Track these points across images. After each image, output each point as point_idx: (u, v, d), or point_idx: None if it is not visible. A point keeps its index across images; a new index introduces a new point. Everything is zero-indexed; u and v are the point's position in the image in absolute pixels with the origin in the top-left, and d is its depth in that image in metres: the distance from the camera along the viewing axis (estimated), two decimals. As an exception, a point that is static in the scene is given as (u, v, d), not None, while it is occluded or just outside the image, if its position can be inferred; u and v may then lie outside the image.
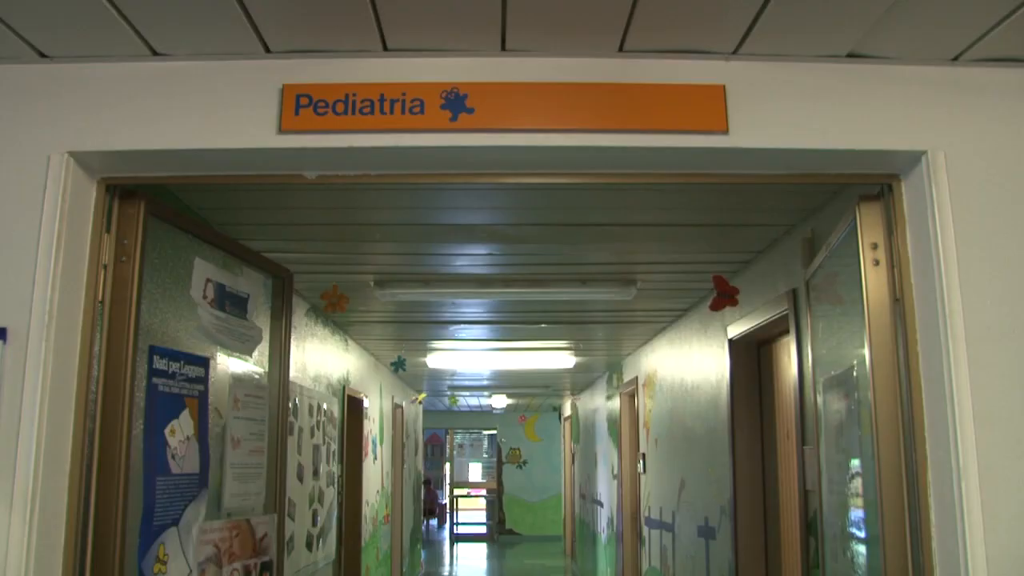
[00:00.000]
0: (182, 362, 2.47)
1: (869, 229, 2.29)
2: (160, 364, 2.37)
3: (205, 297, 2.62)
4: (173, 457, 2.39)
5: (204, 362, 2.58)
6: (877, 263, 2.26)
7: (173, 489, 2.40)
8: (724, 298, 4.32)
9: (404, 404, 10.92)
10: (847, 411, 2.56)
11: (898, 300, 2.21)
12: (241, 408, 2.78)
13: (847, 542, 2.59)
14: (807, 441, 3.70)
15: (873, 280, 2.26)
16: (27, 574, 1.95)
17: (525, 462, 19.21)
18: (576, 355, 8.40)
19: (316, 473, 5.85)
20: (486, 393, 13.65)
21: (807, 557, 3.78)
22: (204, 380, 2.56)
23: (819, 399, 2.99)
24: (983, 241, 2.08)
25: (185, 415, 2.45)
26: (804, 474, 3.81)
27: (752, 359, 4.84)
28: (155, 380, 2.34)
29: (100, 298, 2.22)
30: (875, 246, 2.26)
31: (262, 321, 3.02)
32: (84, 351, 2.15)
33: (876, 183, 2.29)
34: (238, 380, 2.80)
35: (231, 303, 2.75)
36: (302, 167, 2.25)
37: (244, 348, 2.84)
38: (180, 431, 2.42)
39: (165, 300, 2.46)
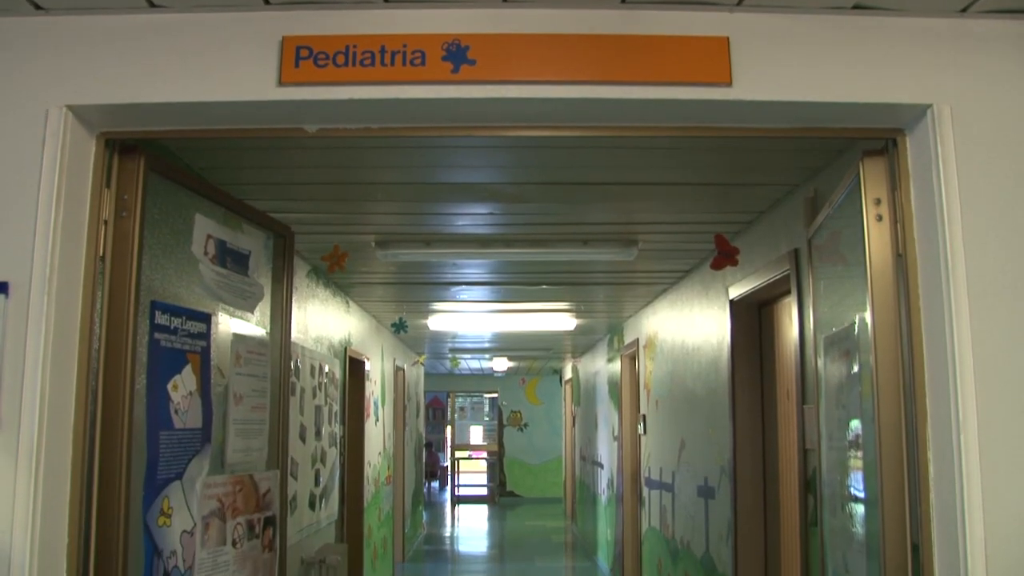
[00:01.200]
0: (184, 318, 2.47)
1: (872, 184, 2.28)
2: (162, 319, 2.37)
3: (206, 253, 2.61)
4: (176, 412, 2.40)
5: (206, 318, 2.58)
6: (880, 219, 2.25)
7: (176, 443, 2.41)
8: (725, 257, 4.31)
9: (405, 367, 10.96)
10: (847, 368, 2.56)
11: (901, 256, 2.20)
12: (243, 365, 2.79)
13: (845, 498, 2.60)
14: (807, 400, 3.71)
15: (876, 236, 2.25)
16: (33, 526, 1.97)
17: (526, 425, 19.32)
18: (577, 317, 8.41)
19: (318, 433, 5.89)
20: (487, 356, 13.69)
21: (806, 516, 3.81)
22: (206, 336, 2.57)
23: (819, 357, 3.00)
24: (988, 196, 2.07)
25: (187, 370, 2.46)
26: (804, 433, 3.83)
27: (753, 320, 4.84)
28: (157, 335, 2.34)
29: (101, 253, 2.21)
30: (878, 201, 2.25)
31: (263, 279, 3.02)
32: (86, 306, 2.15)
33: (880, 138, 2.28)
34: (240, 337, 2.80)
35: (232, 260, 2.75)
36: (302, 120, 2.23)
37: (246, 305, 2.84)
38: (183, 386, 2.43)
39: (166, 256, 2.46)
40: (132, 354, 2.19)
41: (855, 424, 2.47)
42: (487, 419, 22.96)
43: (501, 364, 15.00)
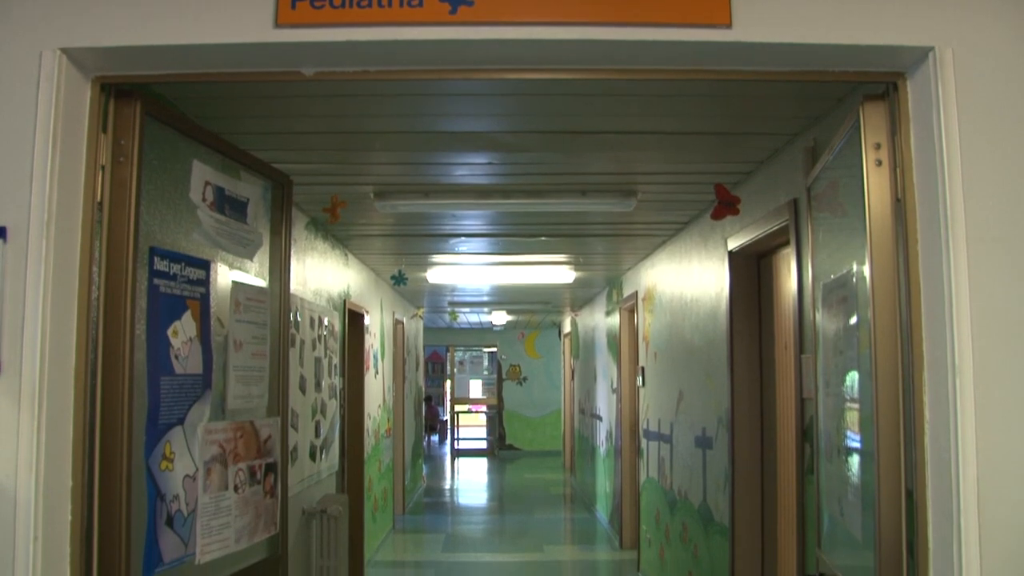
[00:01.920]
0: (183, 264, 2.47)
1: (872, 129, 2.26)
2: (161, 265, 2.37)
3: (204, 200, 2.61)
4: (176, 357, 2.41)
5: (205, 265, 2.58)
6: (879, 163, 2.24)
7: (177, 389, 2.42)
8: (726, 207, 4.30)
9: (405, 320, 10.98)
10: (845, 315, 2.57)
11: (899, 201, 2.20)
12: (242, 312, 2.79)
13: (842, 445, 2.62)
14: (805, 350, 3.73)
15: (875, 181, 2.24)
16: (38, 469, 1.99)
17: (525, 378, 19.42)
18: (576, 270, 8.41)
19: (318, 385, 5.92)
20: (486, 309, 13.71)
21: (802, 464, 3.84)
22: (205, 283, 2.57)
23: (818, 305, 3.01)
24: (988, 141, 2.06)
25: (187, 316, 2.47)
26: (801, 382, 3.85)
27: (752, 271, 4.85)
28: (156, 281, 2.35)
29: (99, 199, 2.21)
30: (878, 146, 2.24)
31: (262, 228, 3.02)
32: (84, 251, 2.15)
33: (881, 82, 2.26)
34: (239, 285, 2.80)
35: (231, 207, 2.74)
36: (299, 63, 2.21)
37: (245, 252, 2.84)
38: (183, 332, 2.44)
39: (164, 203, 2.45)
40: (132, 300, 2.19)
41: (852, 371, 2.48)
42: (486, 373, 23.10)
43: (500, 318, 15.04)
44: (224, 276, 2.74)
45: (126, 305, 2.18)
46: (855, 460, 2.48)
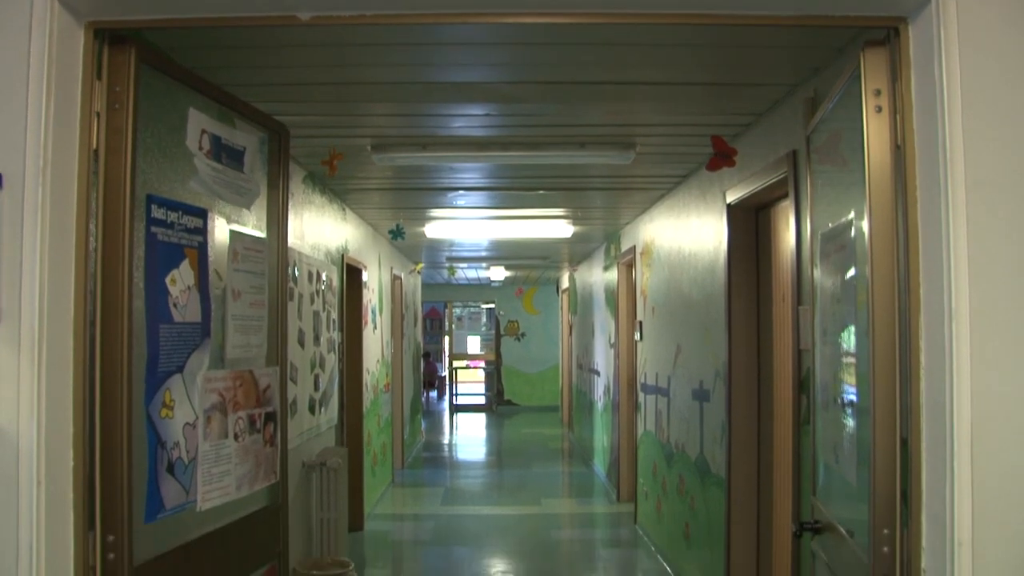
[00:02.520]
0: (180, 212, 2.46)
1: (873, 75, 2.25)
2: (158, 213, 2.36)
3: (201, 148, 2.59)
4: (175, 306, 2.41)
5: (202, 213, 2.57)
6: (879, 110, 2.22)
7: (176, 337, 2.43)
8: (722, 158, 4.28)
9: (403, 275, 10.99)
10: (843, 263, 2.57)
11: (899, 147, 2.19)
12: (240, 261, 2.79)
13: (838, 394, 2.64)
14: (802, 302, 3.74)
15: (875, 127, 2.23)
16: (39, 416, 2.00)
17: (523, 334, 19.49)
18: (574, 224, 8.40)
19: (317, 339, 5.93)
20: (484, 265, 13.71)
21: (798, 415, 3.87)
22: (203, 232, 2.56)
23: (816, 255, 3.01)
24: (989, 85, 2.04)
25: (185, 265, 2.46)
26: (798, 334, 3.87)
27: (750, 224, 4.85)
28: (154, 229, 2.34)
29: (95, 146, 2.20)
30: (878, 92, 2.23)
31: (259, 178, 3.00)
32: (81, 199, 2.14)
33: (882, 27, 2.24)
34: (237, 234, 2.80)
35: (227, 155, 2.73)
36: (295, 7, 2.18)
37: (242, 201, 2.83)
38: (181, 280, 2.44)
39: (160, 151, 2.44)
40: (129, 247, 2.19)
41: (849, 320, 2.49)
42: (484, 329, 23.15)
43: (498, 273, 15.04)
44: (222, 228, 2.73)
45: (124, 253, 2.17)
46: (851, 408, 2.50)
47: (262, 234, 3.00)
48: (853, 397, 2.47)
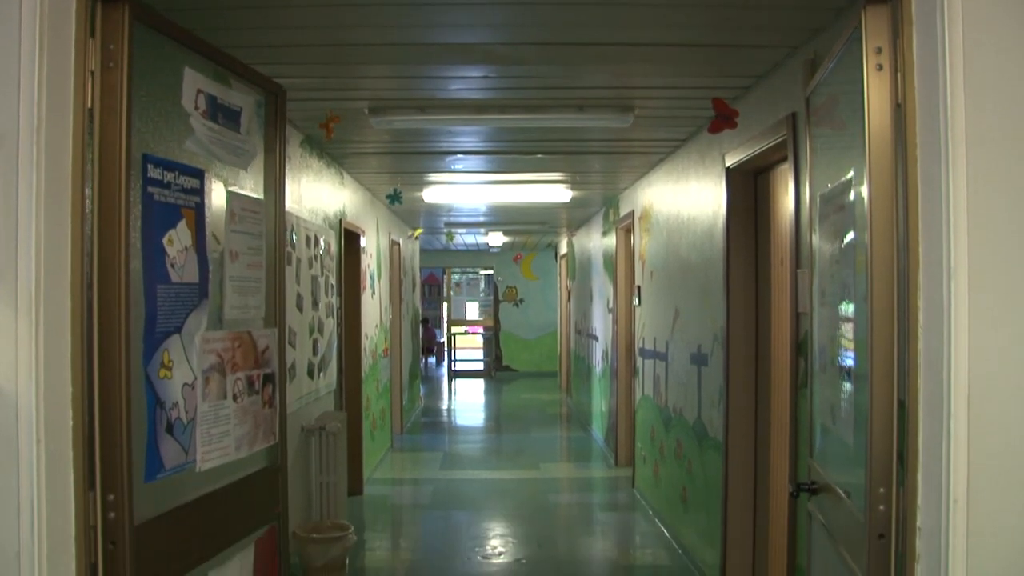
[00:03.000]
0: (177, 172, 2.45)
1: (874, 33, 2.22)
2: (154, 173, 2.35)
3: (197, 108, 2.57)
4: (172, 266, 2.41)
5: (199, 174, 2.56)
6: (880, 68, 2.21)
7: (174, 297, 2.42)
8: (723, 120, 4.26)
9: (401, 241, 10.97)
10: (842, 223, 2.57)
11: (899, 106, 2.17)
12: (238, 222, 2.78)
13: (836, 352, 2.64)
14: (801, 265, 3.73)
15: (875, 86, 2.22)
16: (38, 375, 1.99)
17: (522, 300, 19.50)
18: (573, 189, 8.38)
19: (315, 304, 5.94)
20: (482, 231, 13.69)
21: (796, 378, 3.88)
22: (200, 192, 2.55)
23: (815, 218, 3.00)
24: (993, 43, 2.02)
25: (182, 225, 2.45)
26: (796, 297, 3.87)
27: (749, 187, 4.84)
28: (150, 189, 2.33)
29: (89, 105, 2.18)
30: (879, 50, 2.21)
31: (256, 140, 2.99)
32: (77, 158, 2.12)
33: (884, -17, 2.21)
34: (234, 194, 2.79)
35: (224, 115, 2.71)
36: (291, -36, 2.17)
37: (239, 162, 2.82)
38: (178, 241, 2.43)
39: (156, 110, 2.42)
40: (126, 207, 2.18)
41: (848, 280, 2.49)
42: (483, 295, 23.19)
43: (496, 239, 15.02)
44: (219, 189, 2.72)
45: (120, 212, 2.16)
46: (848, 368, 2.50)
47: (259, 196, 2.99)
48: (851, 359, 2.48)
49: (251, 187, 2.95)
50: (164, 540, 2.40)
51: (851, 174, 2.45)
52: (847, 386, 2.53)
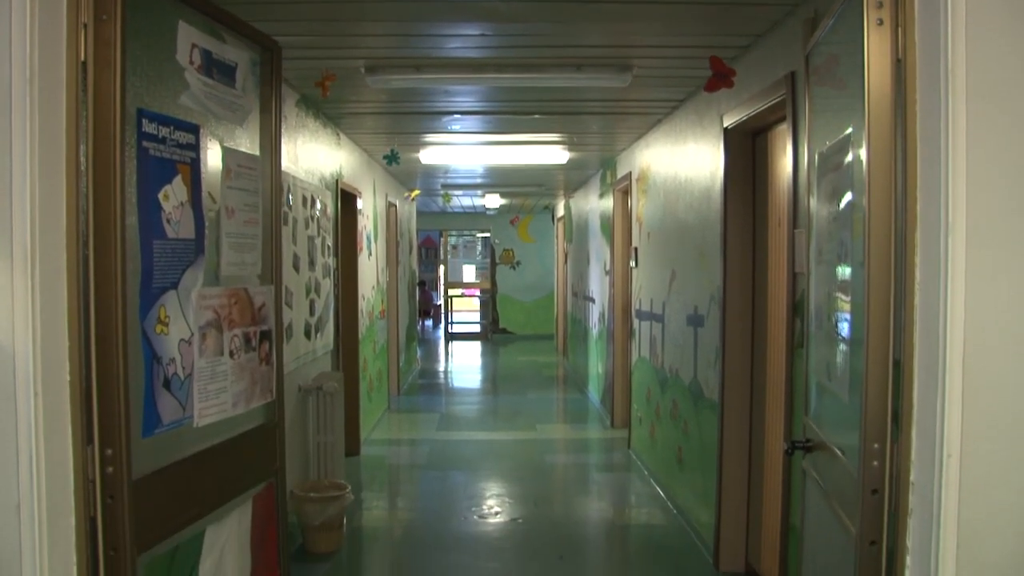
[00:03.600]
0: (172, 127, 2.43)
1: (875, -13, 2.20)
2: (149, 128, 2.33)
3: (192, 63, 2.55)
4: (168, 222, 2.40)
5: (194, 129, 2.54)
6: (880, 23, 2.19)
7: (170, 253, 2.41)
8: (719, 79, 4.24)
9: (397, 203, 10.94)
10: (840, 181, 2.56)
11: (900, 61, 2.16)
12: (234, 179, 2.77)
13: (832, 310, 2.65)
14: (798, 225, 3.73)
15: (875, 41, 2.20)
16: (34, 329, 1.99)
17: (518, 263, 19.50)
18: (570, 150, 8.35)
19: (312, 264, 5.93)
20: (479, 192, 13.65)
21: (792, 338, 3.89)
22: (195, 148, 2.53)
23: (813, 176, 2.99)
24: (993, -4, 2.00)
25: (178, 181, 2.44)
26: (793, 258, 3.87)
27: (747, 148, 4.82)
28: (145, 144, 2.31)
29: (83, 58, 2.15)
30: (880, 4, 2.19)
31: (251, 97, 2.96)
32: (71, 111, 2.11)
33: (886, -63, 2.19)
34: (230, 151, 2.77)
35: (219, 71, 2.69)
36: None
37: (235, 118, 2.80)
38: (173, 196, 2.42)
39: (150, 64, 2.39)
40: (121, 161, 2.16)
41: (845, 237, 2.49)
42: (480, 257, 23.18)
43: (493, 201, 14.99)
44: (215, 146, 2.70)
45: (115, 167, 2.15)
46: (845, 326, 2.51)
47: (255, 149, 2.97)
48: (847, 316, 2.48)
49: (247, 144, 2.93)
50: (162, 495, 2.42)
51: (850, 130, 2.44)
52: (843, 344, 2.54)
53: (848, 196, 2.47)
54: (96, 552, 2.18)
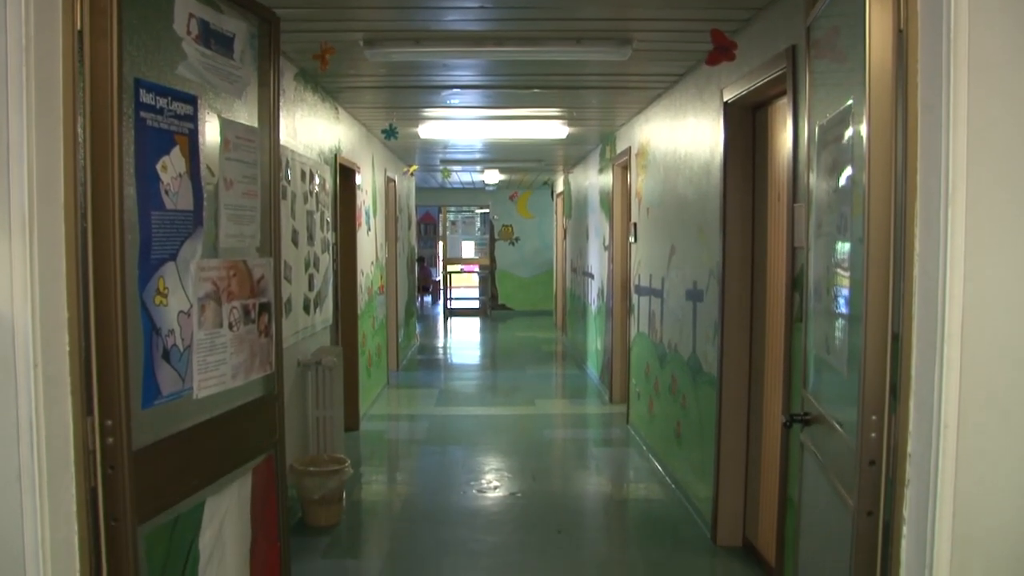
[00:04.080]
0: (170, 98, 2.42)
1: (877, -44, 2.19)
2: (147, 98, 2.32)
3: (189, 33, 2.53)
4: (167, 193, 2.39)
5: (192, 100, 2.53)
6: (883, -8, 2.17)
7: (169, 224, 2.41)
8: (721, 52, 4.22)
9: (396, 178, 10.91)
10: (840, 153, 2.55)
11: (902, 31, 2.14)
12: (232, 150, 2.76)
13: (831, 283, 2.64)
14: (798, 200, 3.73)
15: (877, 11, 2.18)
16: (33, 299, 1.99)
17: (517, 239, 19.48)
18: (569, 125, 8.32)
19: (311, 239, 5.92)
20: (478, 168, 13.61)
21: (791, 312, 3.89)
22: (193, 119, 2.52)
23: (813, 148, 2.98)
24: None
25: (176, 152, 2.43)
26: (793, 232, 3.87)
27: (747, 122, 4.81)
28: (143, 114, 2.30)
29: (79, 27, 2.14)
30: (882, -26, 2.17)
31: (249, 69, 2.94)
32: (67, 80, 2.10)
33: (889, -94, 2.17)
34: (228, 122, 2.75)
35: (217, 41, 2.67)
36: None
37: (233, 89, 2.78)
38: (172, 167, 2.41)
39: (148, 34, 2.38)
40: (118, 131, 2.15)
41: (845, 208, 2.48)
42: (479, 233, 23.16)
43: (492, 177, 14.95)
44: (213, 117, 2.68)
45: (113, 137, 2.14)
46: (844, 298, 2.51)
47: (253, 121, 2.95)
48: (847, 289, 2.48)
49: (245, 117, 2.91)
50: (162, 466, 2.42)
51: (850, 102, 2.43)
52: (842, 318, 2.54)
53: (848, 168, 2.46)
54: (97, 522, 2.20)
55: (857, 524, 2.24)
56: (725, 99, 4.78)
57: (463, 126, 8.35)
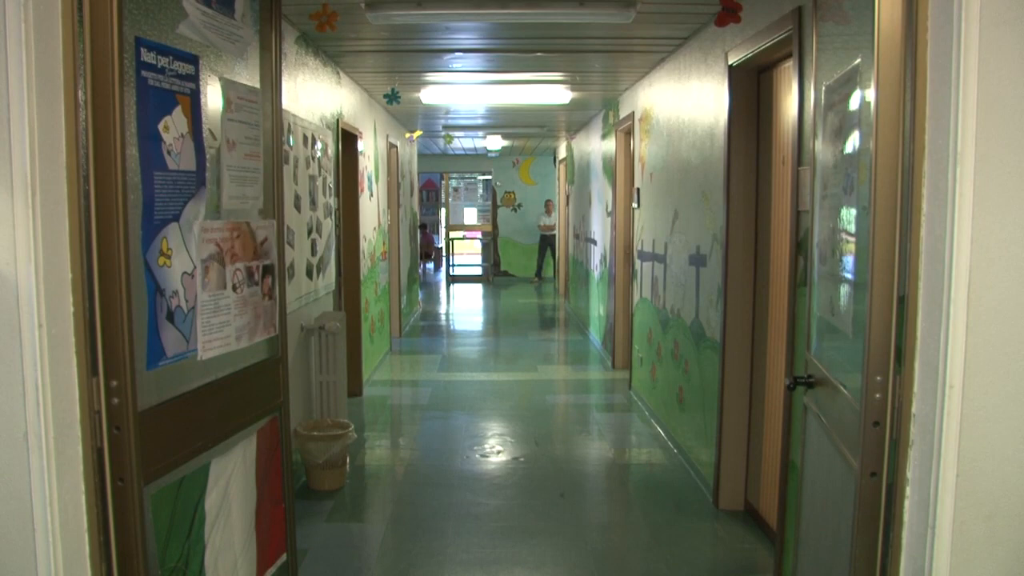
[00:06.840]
0: (171, 57, 2.39)
1: (887, -87, 2.15)
2: (148, 57, 2.29)
3: (189, -9, 2.50)
4: (169, 153, 2.37)
5: (194, 60, 2.50)
6: (892, -48, 2.14)
7: (172, 185, 2.39)
8: (728, 13, 4.17)
9: (399, 144, 10.87)
10: (847, 113, 2.53)
11: (911, -9, 2.12)
12: (235, 111, 2.74)
13: (837, 244, 2.63)
14: (802, 163, 3.70)
15: (887, -32, 2.16)
16: (37, 259, 1.98)
17: (520, 205, 19.44)
18: (572, 89, 8.27)
19: (313, 204, 5.91)
20: (480, 134, 13.55)
21: (795, 277, 3.88)
22: (195, 79, 2.50)
23: (818, 111, 2.96)
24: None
25: (178, 112, 2.41)
26: (797, 196, 3.85)
27: (752, 86, 4.77)
28: (144, 74, 2.28)
29: (78, -15, 2.12)
30: (892, -69, 2.14)
31: (250, 30, 2.92)
32: (67, 38, 2.07)
33: None
34: (230, 82, 2.73)
35: (218, 0, 2.64)
36: None
37: (234, 49, 2.76)
38: (174, 128, 2.39)
39: (148, -7, 2.35)
40: (120, 91, 2.13)
41: (852, 169, 2.46)
42: (481, 200, 23.11)
43: (495, 143, 14.89)
44: (214, 78, 2.66)
45: (114, 96, 2.12)
46: (849, 259, 2.50)
47: (255, 82, 2.93)
48: (852, 250, 2.47)
49: (247, 79, 2.89)
50: (168, 427, 2.43)
51: (858, 60, 2.41)
52: (847, 279, 2.53)
53: (854, 129, 2.44)
54: (104, 482, 2.20)
55: (860, 485, 2.24)
56: (730, 62, 4.74)
57: (465, 91, 8.30)
